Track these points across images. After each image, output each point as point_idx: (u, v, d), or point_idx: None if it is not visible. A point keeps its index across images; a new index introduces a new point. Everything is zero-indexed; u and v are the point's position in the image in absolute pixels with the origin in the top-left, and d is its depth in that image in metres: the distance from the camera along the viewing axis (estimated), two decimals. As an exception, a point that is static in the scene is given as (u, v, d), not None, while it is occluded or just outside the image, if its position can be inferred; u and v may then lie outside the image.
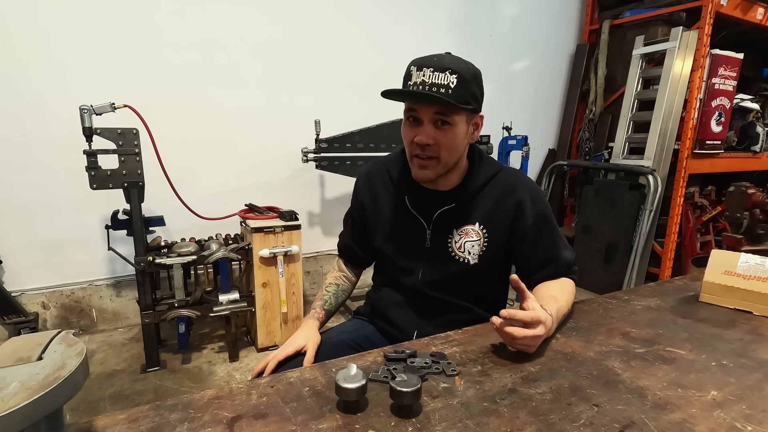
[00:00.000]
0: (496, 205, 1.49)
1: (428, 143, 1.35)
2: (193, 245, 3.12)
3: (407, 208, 1.54)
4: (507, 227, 1.50)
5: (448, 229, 1.52)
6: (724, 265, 1.62)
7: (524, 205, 1.48)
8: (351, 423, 0.93)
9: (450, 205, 1.50)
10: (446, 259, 1.52)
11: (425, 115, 1.35)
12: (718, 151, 4.65)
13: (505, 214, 1.49)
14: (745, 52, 4.56)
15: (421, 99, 1.34)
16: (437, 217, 1.51)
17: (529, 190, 1.51)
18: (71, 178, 3.26)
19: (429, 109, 1.34)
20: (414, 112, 1.37)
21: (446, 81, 1.30)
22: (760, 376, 1.13)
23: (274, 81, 4.02)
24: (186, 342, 3.28)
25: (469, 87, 1.34)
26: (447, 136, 1.36)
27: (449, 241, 1.52)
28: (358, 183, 1.72)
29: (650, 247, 4.57)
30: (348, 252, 1.80)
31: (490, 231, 1.50)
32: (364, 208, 1.66)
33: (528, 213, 1.48)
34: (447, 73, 1.30)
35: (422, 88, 1.31)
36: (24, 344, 0.81)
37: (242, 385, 1.07)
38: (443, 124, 1.35)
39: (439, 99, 1.29)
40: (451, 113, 1.34)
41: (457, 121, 1.36)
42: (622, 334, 1.37)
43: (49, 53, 3.23)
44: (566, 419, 0.94)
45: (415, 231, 1.54)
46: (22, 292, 3.46)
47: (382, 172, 1.63)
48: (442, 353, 1.22)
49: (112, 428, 0.91)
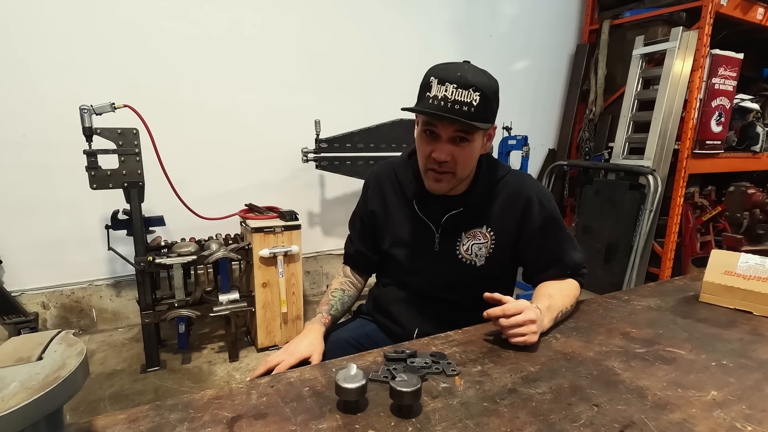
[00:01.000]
0: (504, 207, 1.50)
1: (446, 161, 1.35)
2: (193, 245, 3.12)
3: (416, 213, 1.55)
4: (515, 229, 1.50)
5: (456, 233, 1.53)
6: (724, 265, 1.62)
7: (532, 208, 1.48)
8: (351, 423, 0.93)
9: (458, 209, 1.50)
10: (453, 261, 1.53)
11: (445, 132, 1.33)
12: (718, 151, 4.64)
13: (512, 217, 1.49)
14: (745, 52, 4.55)
15: (443, 119, 1.30)
16: (445, 221, 1.52)
17: (538, 193, 1.51)
18: (71, 178, 3.26)
19: (450, 127, 1.32)
20: (433, 127, 1.34)
21: (469, 99, 1.26)
22: (760, 376, 1.13)
23: (274, 81, 4.02)
24: (186, 342, 3.28)
25: (491, 105, 1.34)
26: (464, 152, 1.36)
27: (457, 244, 1.53)
28: (367, 186, 1.71)
29: (650, 247, 4.56)
30: (358, 258, 1.77)
31: (497, 233, 1.51)
32: (375, 213, 1.65)
33: (536, 216, 1.49)
34: (470, 90, 1.26)
35: (444, 104, 1.27)
36: (24, 344, 0.81)
37: (242, 385, 1.08)
38: (461, 141, 1.35)
39: (463, 121, 1.27)
40: (472, 131, 1.33)
41: (476, 137, 1.36)
42: (622, 334, 1.37)
43: (48, 54, 3.23)
44: (566, 419, 0.95)
45: (423, 235, 1.55)
46: (22, 292, 3.46)
47: (392, 177, 1.63)
48: (442, 353, 1.22)
49: (112, 428, 0.91)
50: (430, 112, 1.29)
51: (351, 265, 1.80)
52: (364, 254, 1.73)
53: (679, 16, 4.50)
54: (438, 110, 1.27)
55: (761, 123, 5.13)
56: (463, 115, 1.26)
